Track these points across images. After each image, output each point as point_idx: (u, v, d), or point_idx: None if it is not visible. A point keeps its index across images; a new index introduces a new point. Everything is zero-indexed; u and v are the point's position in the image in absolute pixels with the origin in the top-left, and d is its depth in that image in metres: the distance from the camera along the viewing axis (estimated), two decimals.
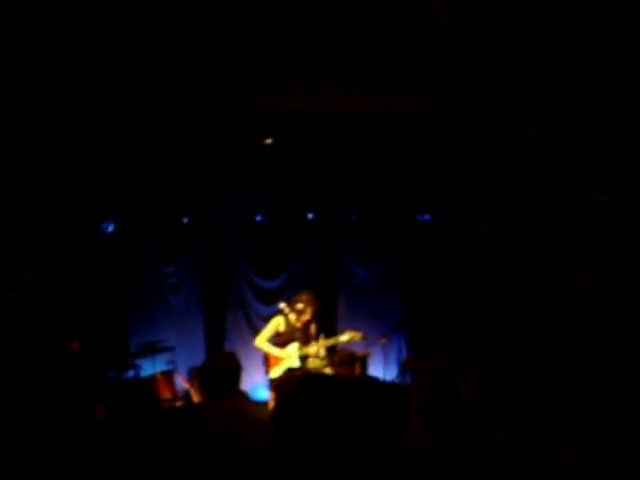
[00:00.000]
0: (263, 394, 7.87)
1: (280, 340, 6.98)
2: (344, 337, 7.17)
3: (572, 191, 6.71)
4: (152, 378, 7.21)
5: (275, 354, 6.95)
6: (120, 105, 6.07)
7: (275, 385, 6.84)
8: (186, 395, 7.26)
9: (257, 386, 8.05)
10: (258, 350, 7.17)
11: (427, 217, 9.36)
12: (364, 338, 7.31)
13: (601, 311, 6.46)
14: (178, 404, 6.63)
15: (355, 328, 7.35)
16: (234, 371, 4.02)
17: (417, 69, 5.96)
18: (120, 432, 3.53)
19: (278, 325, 7.01)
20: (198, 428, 3.44)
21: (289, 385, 3.80)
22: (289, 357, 6.91)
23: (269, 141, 7.37)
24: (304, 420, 3.02)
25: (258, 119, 6.80)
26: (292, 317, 6.94)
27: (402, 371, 8.35)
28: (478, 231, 8.28)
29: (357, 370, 7.53)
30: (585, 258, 6.65)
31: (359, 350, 7.89)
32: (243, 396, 4.70)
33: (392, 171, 8.22)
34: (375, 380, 5.09)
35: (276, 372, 6.97)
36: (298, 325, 6.92)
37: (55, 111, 5.91)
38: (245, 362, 7.35)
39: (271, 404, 6.53)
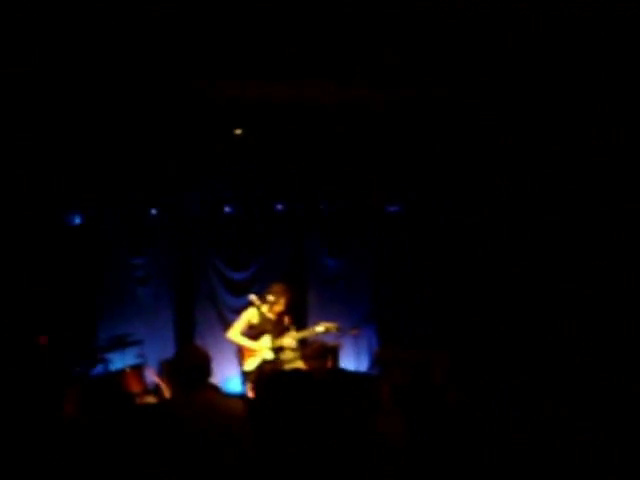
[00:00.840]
0: (235, 386, 7.84)
1: (253, 332, 6.94)
2: (320, 328, 7.14)
3: (541, 181, 6.79)
4: (121, 372, 7.12)
5: (248, 346, 6.92)
6: (87, 95, 5.97)
7: (253, 378, 6.79)
8: (156, 389, 7.19)
9: (228, 378, 8.01)
10: (230, 342, 7.13)
11: (396, 208, 9.39)
12: (339, 329, 7.30)
13: (569, 298, 6.56)
14: (149, 398, 6.56)
15: (328, 320, 7.34)
16: (204, 364, 3.99)
17: (384, 59, 5.96)
18: (92, 429, 3.48)
19: (251, 317, 6.97)
20: (172, 423, 3.40)
21: (266, 380, 3.79)
22: (262, 349, 6.88)
23: (238, 132, 7.32)
24: (280, 413, 3.02)
25: (227, 110, 6.74)
26: (265, 309, 6.90)
27: (374, 363, 8.38)
28: (447, 222, 8.35)
29: (329, 362, 7.54)
30: (554, 247, 6.75)
31: (330, 342, 7.90)
32: (215, 389, 4.67)
33: (361, 162, 8.22)
34: (348, 373, 5.10)
35: (250, 364, 6.92)
36: (271, 317, 6.89)
37: (19, 101, 5.80)
38: (215, 354, 7.29)
39: (249, 395, 6.52)
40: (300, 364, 6.95)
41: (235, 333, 6.94)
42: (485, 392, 4.58)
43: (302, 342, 7.42)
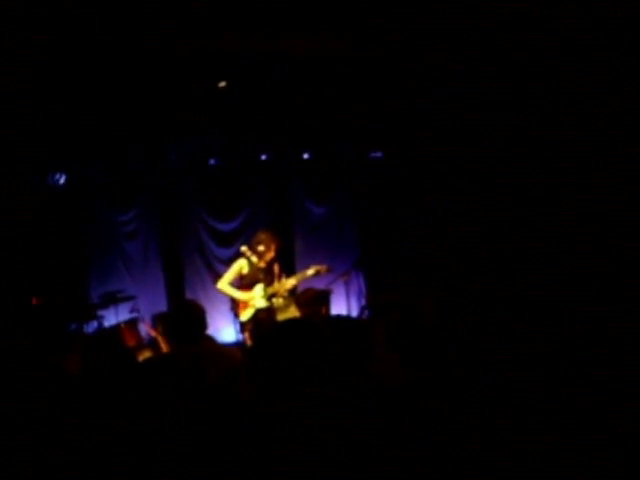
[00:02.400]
0: (228, 336, 7.95)
1: (245, 282, 6.99)
2: (310, 271, 7.13)
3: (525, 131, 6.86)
4: (117, 328, 7.20)
5: (238, 297, 6.95)
6: (68, 50, 5.89)
7: (250, 327, 6.87)
8: (153, 342, 7.28)
9: (220, 329, 8.12)
10: (220, 293, 7.16)
11: (379, 154, 9.43)
12: (329, 270, 7.35)
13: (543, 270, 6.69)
14: (146, 352, 6.64)
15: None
16: (200, 318, 4.07)
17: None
18: (96, 386, 3.55)
19: (241, 268, 6.99)
20: (175, 375, 3.48)
21: (264, 329, 3.87)
22: (254, 298, 6.93)
23: (222, 84, 7.26)
24: (279, 359, 3.10)
25: (210, 62, 6.68)
26: (254, 259, 6.93)
27: (365, 307, 8.51)
28: (428, 168, 8.39)
29: (323, 309, 7.66)
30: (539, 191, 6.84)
31: (322, 288, 8.01)
32: (211, 340, 4.74)
33: (343, 110, 8.20)
34: (343, 318, 5.19)
35: (246, 315, 6.97)
36: (262, 265, 6.91)
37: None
38: (206, 306, 7.42)
39: (248, 344, 6.60)
40: (294, 311, 7.04)
41: (224, 284, 6.96)
42: (471, 333, 4.71)
43: (293, 289, 7.50)
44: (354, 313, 8.80)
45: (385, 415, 3.01)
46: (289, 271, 7.94)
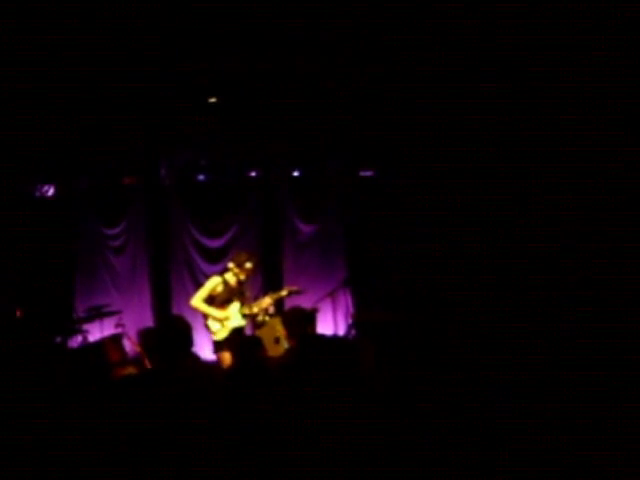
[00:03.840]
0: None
1: (217, 301, 6.88)
2: (284, 292, 7.36)
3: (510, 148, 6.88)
4: (101, 343, 7.13)
5: (213, 315, 6.79)
6: (58, 65, 5.89)
7: (226, 347, 6.75)
8: (137, 359, 7.22)
9: (206, 346, 8.04)
10: (194, 310, 7.02)
11: (368, 172, 9.44)
12: (301, 291, 7.55)
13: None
14: (130, 368, 6.57)
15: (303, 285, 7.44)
16: (184, 332, 4.05)
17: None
18: (77, 403, 3.52)
19: (216, 286, 6.89)
20: (156, 393, 3.44)
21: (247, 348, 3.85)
22: (229, 317, 6.82)
23: (213, 100, 7.27)
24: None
25: (202, 78, 6.70)
26: (234, 277, 6.87)
27: (352, 326, 8.47)
28: (419, 186, 8.40)
29: (308, 327, 7.64)
30: (525, 212, 6.86)
31: (308, 307, 8.00)
32: (194, 357, 4.72)
33: (333, 128, 8.23)
34: (329, 337, 5.20)
35: (221, 334, 6.84)
36: (233, 285, 6.87)
37: None
38: (193, 322, 7.40)
39: (225, 363, 6.47)
40: (280, 328, 7.01)
41: (199, 301, 6.82)
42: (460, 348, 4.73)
43: (279, 307, 7.48)
44: (340, 331, 8.77)
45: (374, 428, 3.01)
46: (276, 288, 7.91)
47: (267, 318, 7.05)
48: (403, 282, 8.52)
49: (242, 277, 6.87)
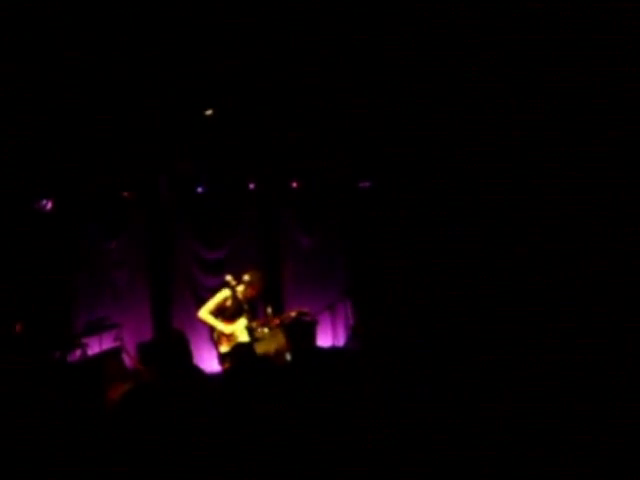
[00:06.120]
0: (215, 366, 7.86)
1: (226, 315, 6.92)
2: (293, 313, 7.42)
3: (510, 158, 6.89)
4: (100, 357, 7.11)
5: (220, 328, 6.85)
6: (58, 79, 5.90)
7: (229, 360, 6.78)
8: (135, 373, 7.20)
9: (206, 358, 8.03)
10: (201, 322, 7.07)
11: (367, 183, 9.45)
12: (310, 314, 7.66)
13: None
14: (128, 382, 6.55)
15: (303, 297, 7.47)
16: (183, 345, 4.03)
17: None
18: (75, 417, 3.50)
19: (225, 299, 6.94)
20: (154, 408, 3.42)
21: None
22: (236, 331, 6.86)
23: (209, 112, 7.28)
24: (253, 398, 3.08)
25: (198, 90, 6.71)
26: (240, 290, 6.90)
27: (351, 337, 8.47)
28: (418, 197, 8.40)
29: (307, 338, 7.63)
30: (523, 222, 6.86)
31: (306, 318, 7.99)
32: (195, 370, 4.69)
33: (332, 139, 8.24)
34: (326, 349, 5.17)
35: (227, 346, 6.89)
36: (241, 300, 6.90)
37: None
38: (193, 335, 7.39)
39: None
40: (281, 340, 7.00)
41: (206, 313, 6.88)
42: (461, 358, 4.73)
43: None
44: (339, 343, 8.76)
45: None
46: (276, 301, 7.92)
47: (266, 330, 7.05)
48: (403, 294, 8.50)
49: (250, 293, 6.90)
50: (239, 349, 6.69)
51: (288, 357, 7.13)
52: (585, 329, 5.15)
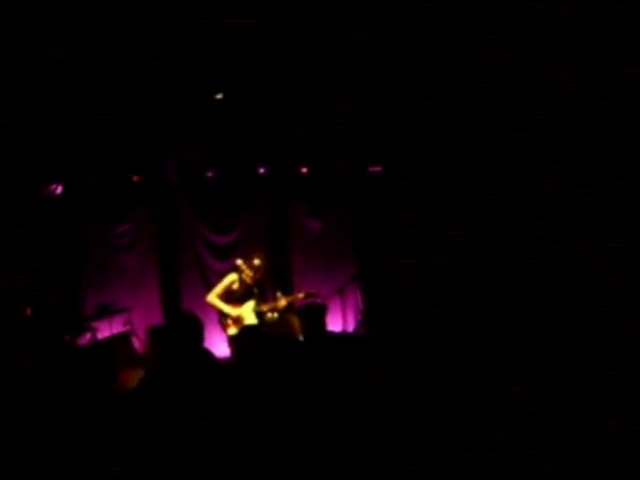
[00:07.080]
0: (225, 350, 7.88)
1: (233, 297, 6.97)
2: (301, 294, 7.46)
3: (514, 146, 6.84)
4: (110, 341, 7.13)
5: (228, 311, 6.91)
6: (66, 61, 5.89)
7: (237, 343, 6.82)
8: (145, 357, 7.23)
9: (217, 342, 8.04)
10: (209, 305, 7.11)
11: (377, 168, 9.41)
12: (318, 295, 7.71)
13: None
14: (138, 367, 6.58)
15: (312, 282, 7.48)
16: (196, 329, 4.01)
17: None
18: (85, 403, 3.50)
19: (232, 282, 6.99)
20: (168, 392, 3.42)
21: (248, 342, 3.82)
22: (244, 314, 6.91)
23: (219, 96, 7.25)
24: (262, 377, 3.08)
25: (209, 74, 6.68)
26: (248, 273, 6.93)
27: (361, 322, 8.48)
28: (427, 182, 8.37)
29: (318, 323, 7.64)
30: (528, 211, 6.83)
31: (318, 303, 7.99)
32: (207, 354, 4.69)
33: (341, 123, 8.20)
34: (336, 334, 5.19)
35: (235, 329, 6.95)
36: (251, 282, 6.93)
37: None
38: (203, 319, 7.39)
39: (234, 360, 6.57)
40: (295, 323, 7.04)
41: (214, 297, 6.95)
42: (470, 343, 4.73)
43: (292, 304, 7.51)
44: (350, 328, 8.76)
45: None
46: (286, 285, 7.92)
47: (276, 315, 7.08)
48: (411, 278, 8.49)
49: (252, 275, 6.92)
50: (246, 332, 6.71)
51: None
52: (585, 329, 5.15)
